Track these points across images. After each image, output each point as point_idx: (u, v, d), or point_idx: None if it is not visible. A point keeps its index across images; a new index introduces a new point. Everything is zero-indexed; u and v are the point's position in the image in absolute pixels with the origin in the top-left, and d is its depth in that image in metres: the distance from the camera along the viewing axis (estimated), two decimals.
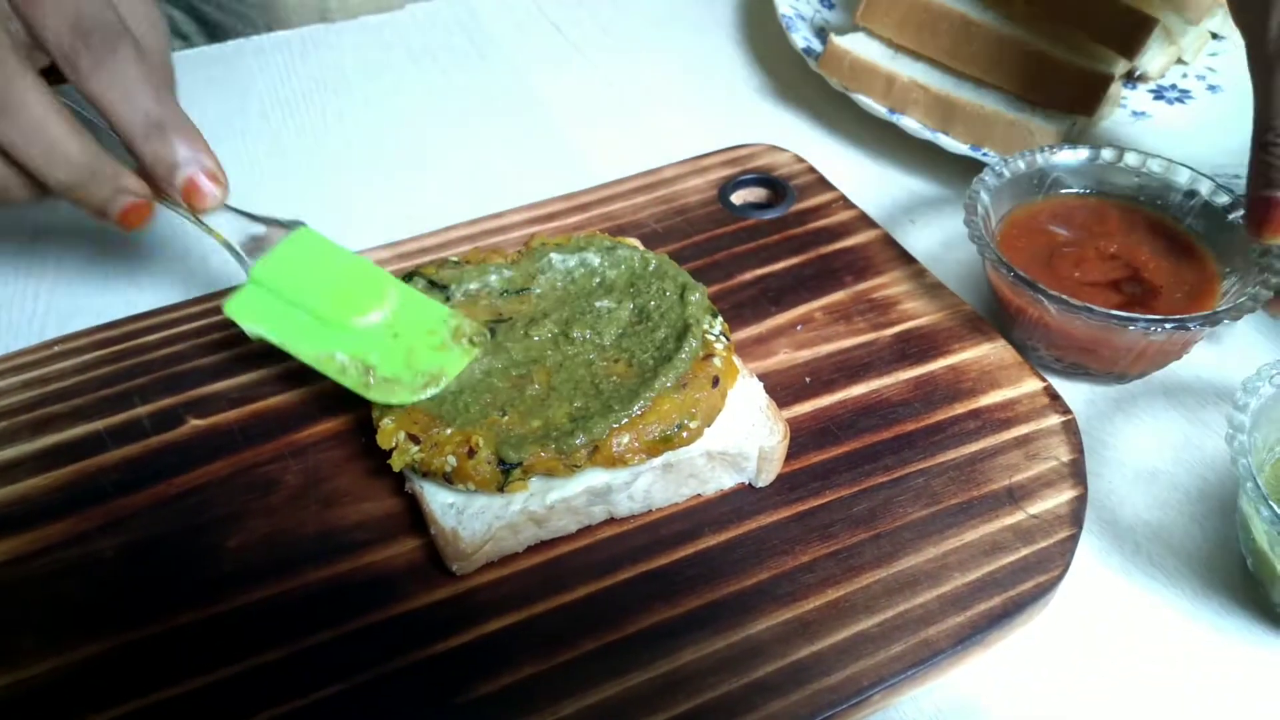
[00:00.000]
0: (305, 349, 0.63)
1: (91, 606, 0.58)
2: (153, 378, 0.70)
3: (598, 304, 0.65)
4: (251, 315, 0.65)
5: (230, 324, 0.66)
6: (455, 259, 0.70)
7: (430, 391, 0.61)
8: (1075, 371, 0.71)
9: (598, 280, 0.67)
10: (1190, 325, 0.65)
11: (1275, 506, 0.55)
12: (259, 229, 0.67)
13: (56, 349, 0.72)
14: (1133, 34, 0.84)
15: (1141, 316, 0.65)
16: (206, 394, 0.69)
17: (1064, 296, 0.66)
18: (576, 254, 0.68)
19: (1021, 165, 0.75)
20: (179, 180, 0.63)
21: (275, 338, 0.64)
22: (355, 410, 0.67)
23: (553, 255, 0.68)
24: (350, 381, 0.62)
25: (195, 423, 0.67)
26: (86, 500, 0.63)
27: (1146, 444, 0.69)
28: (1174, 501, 0.66)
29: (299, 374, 0.68)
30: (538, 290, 0.67)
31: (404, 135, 0.97)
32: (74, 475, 0.64)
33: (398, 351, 0.62)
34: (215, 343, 0.72)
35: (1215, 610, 0.60)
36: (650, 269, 0.67)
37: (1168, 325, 0.65)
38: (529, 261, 0.68)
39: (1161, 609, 0.61)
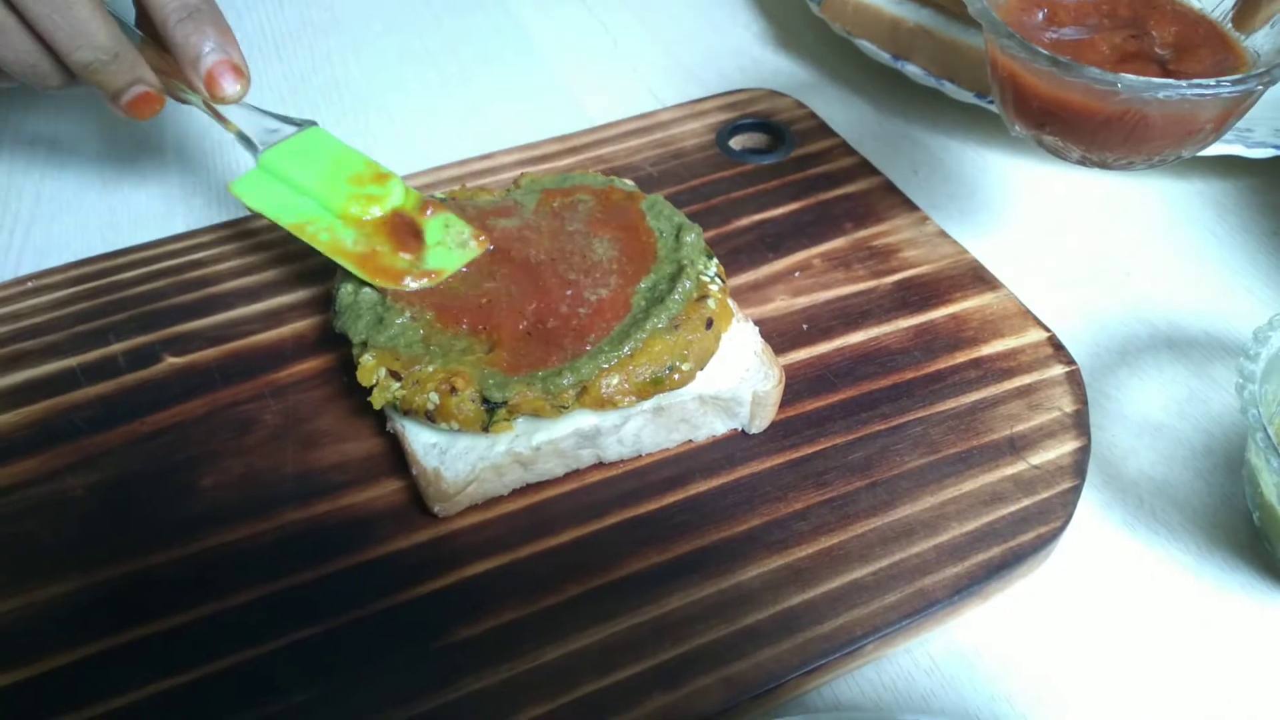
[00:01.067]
0: (306, 229, 0.62)
1: (60, 545, 0.56)
2: (129, 315, 0.68)
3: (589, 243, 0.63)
4: (256, 196, 0.64)
5: (208, 262, 0.64)
6: (441, 195, 0.67)
7: (423, 283, 0.59)
8: (1090, 161, 0.63)
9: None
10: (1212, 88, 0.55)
11: (1276, 439, 0.53)
12: (272, 124, 0.67)
13: (31, 284, 0.70)
14: None
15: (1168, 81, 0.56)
16: (184, 331, 0.67)
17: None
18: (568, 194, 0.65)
19: None
20: (204, 66, 0.64)
21: (276, 217, 0.64)
22: (337, 350, 0.65)
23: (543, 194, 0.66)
24: (348, 261, 0.60)
25: (172, 360, 0.65)
26: (58, 437, 0.61)
27: (1151, 398, 0.67)
28: (1179, 456, 0.64)
29: (279, 313, 0.66)
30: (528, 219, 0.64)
31: (393, 77, 0.94)
32: (46, 412, 0.62)
33: None
34: (194, 280, 0.70)
35: (1219, 566, 0.59)
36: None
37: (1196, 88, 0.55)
38: (518, 195, 0.66)
39: (1165, 564, 0.59)
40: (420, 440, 0.57)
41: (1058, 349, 0.66)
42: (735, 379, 0.59)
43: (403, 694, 0.50)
